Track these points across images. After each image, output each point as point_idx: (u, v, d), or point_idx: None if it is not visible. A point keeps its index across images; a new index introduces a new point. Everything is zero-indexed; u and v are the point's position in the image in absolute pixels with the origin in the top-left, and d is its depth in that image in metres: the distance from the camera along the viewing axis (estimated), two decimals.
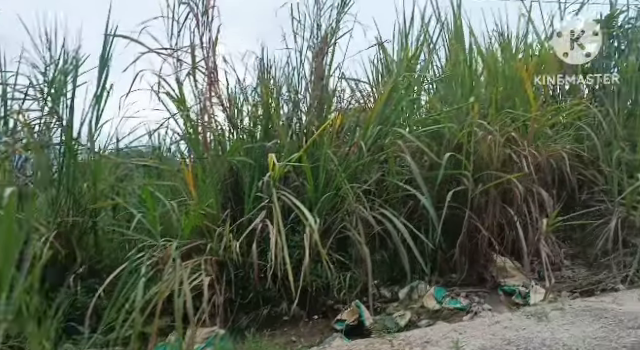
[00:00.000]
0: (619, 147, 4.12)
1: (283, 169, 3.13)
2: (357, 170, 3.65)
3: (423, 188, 3.32)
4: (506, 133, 3.50)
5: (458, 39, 4.51)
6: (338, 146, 3.82)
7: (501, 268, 3.84)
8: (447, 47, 4.62)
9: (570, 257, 4.25)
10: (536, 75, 3.80)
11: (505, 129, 3.52)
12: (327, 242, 3.42)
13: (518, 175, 3.41)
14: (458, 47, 4.31)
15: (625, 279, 3.73)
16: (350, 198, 3.32)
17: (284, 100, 4.14)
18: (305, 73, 4.21)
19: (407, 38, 4.71)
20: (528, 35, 5.44)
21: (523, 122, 3.62)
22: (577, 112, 3.82)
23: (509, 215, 3.62)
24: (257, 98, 4.03)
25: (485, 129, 3.42)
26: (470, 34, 4.41)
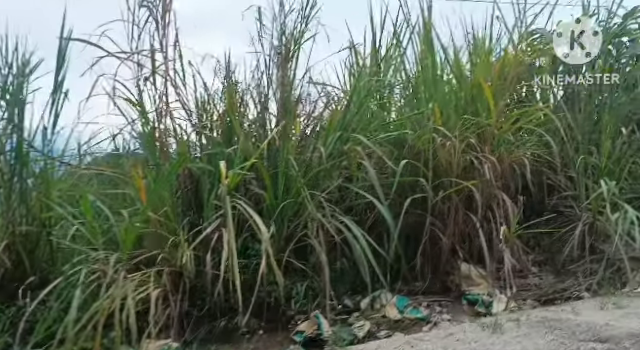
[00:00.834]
0: (585, 152, 4.09)
1: (237, 177, 3.06)
2: (319, 177, 3.58)
3: (381, 195, 3.26)
4: (465, 139, 3.45)
5: (427, 43, 4.46)
6: (302, 152, 3.76)
7: (466, 276, 3.78)
8: (416, 51, 4.56)
9: (538, 264, 4.20)
10: (502, 79, 3.73)
11: (464, 135, 3.46)
12: (287, 250, 3.36)
13: (475, 182, 3.37)
14: (425, 51, 4.26)
15: (590, 287, 3.69)
16: (309, 205, 3.24)
17: (249, 105, 4.08)
18: (272, 78, 4.17)
19: (375, 42, 4.65)
20: (502, 38, 5.48)
21: (480, 128, 3.56)
22: (538, 118, 3.77)
23: (472, 222, 3.57)
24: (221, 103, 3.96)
25: (443, 135, 3.36)
26: (437, 39, 4.35)
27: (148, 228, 3.16)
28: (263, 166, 3.33)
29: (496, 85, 3.63)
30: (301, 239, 3.49)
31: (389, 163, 3.36)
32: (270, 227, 3.17)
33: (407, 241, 3.73)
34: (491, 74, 3.70)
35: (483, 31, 4.09)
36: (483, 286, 3.78)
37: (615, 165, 4.34)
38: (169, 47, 3.72)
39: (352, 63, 4.63)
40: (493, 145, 3.59)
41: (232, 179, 3.02)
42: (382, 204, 3.27)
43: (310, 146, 3.64)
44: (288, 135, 3.57)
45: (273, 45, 4.15)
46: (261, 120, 3.92)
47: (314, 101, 4.01)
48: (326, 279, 3.21)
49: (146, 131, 3.49)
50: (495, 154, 3.65)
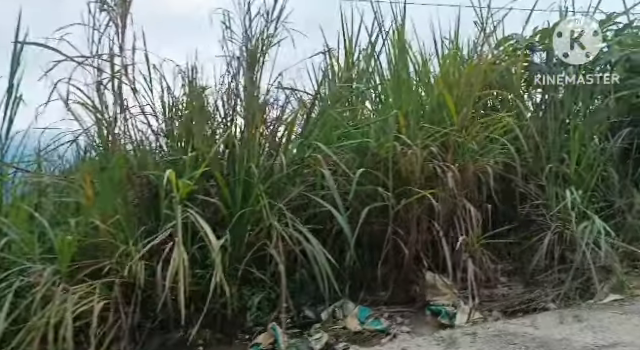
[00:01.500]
0: (556, 159, 4.02)
1: (187, 186, 2.97)
2: (280, 185, 3.50)
3: (339, 204, 3.18)
4: (426, 147, 3.37)
5: (399, 50, 4.39)
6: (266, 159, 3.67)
7: (431, 286, 3.70)
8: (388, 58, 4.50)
9: (507, 274, 4.12)
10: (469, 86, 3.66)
11: (425, 143, 3.39)
12: (244, 260, 3.27)
13: (433, 191, 3.30)
14: (395, 58, 4.20)
15: (557, 298, 3.61)
16: (265, 214, 3.16)
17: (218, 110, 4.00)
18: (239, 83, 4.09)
19: (346, 48, 4.58)
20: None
21: (441, 136, 3.49)
22: (502, 127, 3.70)
23: (436, 231, 3.49)
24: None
25: (404, 143, 3.29)
26: (408, 46, 4.29)
27: (98, 238, 3.07)
28: (220, 174, 3.25)
29: (462, 92, 3.56)
30: (262, 248, 3.42)
31: (347, 171, 3.28)
32: (225, 237, 3.09)
33: (371, 250, 3.65)
34: (457, 81, 3.63)
35: (451, 37, 4.01)
36: (449, 296, 3.70)
37: (587, 172, 4.29)
38: (128, 51, 3.68)
39: (324, 68, 4.55)
40: (456, 153, 3.51)
41: (183, 188, 2.93)
42: (340, 213, 3.19)
43: (272, 153, 3.55)
44: (249, 142, 3.48)
45: (241, 49, 4.11)
46: (225, 126, 3.84)
47: (281, 107, 3.92)
48: (283, 289, 3.13)
49: (101, 138, 3.40)
50: (459, 162, 3.57)
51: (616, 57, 4.84)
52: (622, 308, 3.15)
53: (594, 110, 4.87)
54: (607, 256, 3.66)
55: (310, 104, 3.53)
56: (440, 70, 3.99)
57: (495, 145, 3.64)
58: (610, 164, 4.45)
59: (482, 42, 4.00)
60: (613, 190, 4.36)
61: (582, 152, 4.26)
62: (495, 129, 3.66)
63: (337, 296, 3.54)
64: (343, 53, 4.63)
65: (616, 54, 4.83)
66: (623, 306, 3.19)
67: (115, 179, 3.13)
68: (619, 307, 3.18)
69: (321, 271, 3.11)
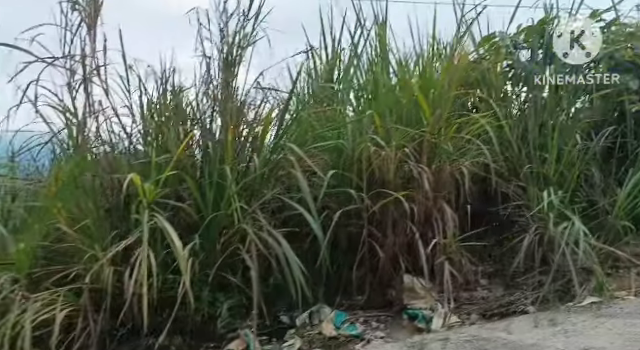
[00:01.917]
0: (537, 160, 3.97)
1: (153, 190, 2.91)
2: (254, 187, 3.44)
3: (312, 207, 3.13)
4: (401, 148, 3.32)
5: (380, 49, 4.33)
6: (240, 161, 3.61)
7: (409, 289, 3.65)
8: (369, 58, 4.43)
9: (488, 276, 4.07)
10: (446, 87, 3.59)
11: (400, 144, 3.33)
12: (215, 265, 3.22)
13: (405, 193, 3.24)
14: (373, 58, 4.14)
15: (536, 300, 3.56)
16: (236, 217, 3.10)
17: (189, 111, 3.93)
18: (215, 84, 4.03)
19: (327, 48, 4.52)
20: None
21: (413, 137, 3.44)
22: (478, 128, 3.64)
23: (411, 233, 3.44)
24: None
25: (378, 144, 3.24)
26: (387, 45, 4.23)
27: (65, 243, 3.02)
28: (191, 177, 3.19)
29: (439, 93, 3.50)
30: (236, 253, 3.36)
31: (319, 173, 3.22)
32: (194, 241, 3.04)
33: (348, 253, 3.60)
34: (432, 81, 3.57)
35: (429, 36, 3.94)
36: (427, 299, 3.65)
37: (571, 172, 4.24)
38: (101, 51, 3.61)
39: (300, 68, 4.47)
40: (431, 155, 3.46)
41: (149, 192, 2.87)
42: (313, 216, 3.13)
43: (246, 155, 3.50)
44: (224, 143, 3.42)
45: (218, 49, 4.05)
46: (201, 128, 3.78)
47: (258, 107, 3.86)
48: (255, 295, 3.08)
49: (70, 139, 3.34)
50: (436, 164, 3.52)
51: (600, 54, 4.77)
52: (599, 311, 3.10)
53: (578, 109, 4.83)
54: (587, 257, 3.61)
55: (284, 104, 3.47)
56: (415, 70, 3.92)
57: (472, 146, 3.58)
58: (593, 163, 4.40)
59: (457, 40, 3.92)
60: (596, 190, 4.30)
61: (566, 151, 4.22)
62: (471, 130, 3.60)
63: (314, 301, 3.52)
64: (324, 53, 4.58)
65: (600, 51, 4.77)
66: (600, 309, 3.14)
67: (82, 182, 3.06)
68: (596, 310, 3.13)
69: (293, 276, 3.04)
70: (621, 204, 3.98)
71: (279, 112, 3.47)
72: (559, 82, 4.61)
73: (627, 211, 4.07)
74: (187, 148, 3.65)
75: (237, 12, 4.00)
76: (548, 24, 4.95)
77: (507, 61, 5.06)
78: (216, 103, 3.88)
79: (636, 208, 4.10)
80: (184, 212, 3.33)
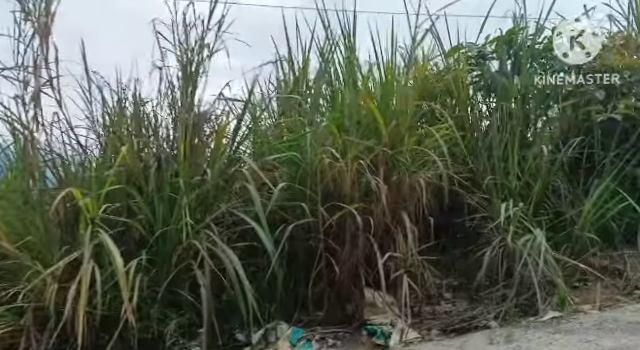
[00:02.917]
0: (501, 171, 3.92)
1: (96, 206, 2.83)
2: (207, 201, 3.36)
3: (263, 220, 3.05)
4: (357, 160, 3.25)
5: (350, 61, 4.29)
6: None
7: (370, 304, 3.56)
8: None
9: (453, 289, 4.00)
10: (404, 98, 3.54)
11: (356, 156, 3.27)
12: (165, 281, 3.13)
13: (357, 206, 3.18)
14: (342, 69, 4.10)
15: (499, 315, 3.48)
16: (185, 233, 3.02)
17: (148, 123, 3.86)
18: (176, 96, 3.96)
19: (292, 58, 4.47)
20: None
21: (371, 149, 3.37)
22: (436, 140, 3.57)
23: (369, 246, 3.37)
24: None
25: (333, 157, 3.17)
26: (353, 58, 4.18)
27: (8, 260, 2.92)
28: (138, 191, 3.11)
29: (396, 104, 3.45)
30: (190, 269, 3.27)
31: (271, 186, 3.15)
32: (140, 257, 2.95)
33: (306, 267, 3.51)
34: (391, 93, 3.52)
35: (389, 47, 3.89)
36: (389, 314, 3.57)
37: (535, 183, 4.19)
38: (52, 63, 3.54)
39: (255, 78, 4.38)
40: (390, 167, 3.40)
41: (92, 207, 2.79)
42: (264, 229, 3.05)
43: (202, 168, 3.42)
44: (176, 156, 3.34)
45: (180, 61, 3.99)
46: (156, 142, 3.70)
47: (215, 119, 3.79)
48: (205, 312, 2.99)
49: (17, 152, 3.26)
50: (395, 176, 3.46)
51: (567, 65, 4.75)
52: (558, 327, 3.03)
53: (547, 119, 4.80)
54: (550, 271, 3.55)
55: (239, 115, 3.41)
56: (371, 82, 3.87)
57: (434, 158, 3.51)
58: (561, 174, 4.35)
59: (412, 52, 3.88)
60: (564, 201, 4.25)
61: (529, 163, 4.18)
62: (432, 141, 3.54)
63: (272, 317, 3.43)
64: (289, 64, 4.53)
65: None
66: (559, 324, 3.07)
67: (28, 197, 2.98)
68: (555, 325, 3.06)
69: (244, 292, 2.96)
70: (586, 215, 3.92)
71: (234, 124, 3.40)
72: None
73: (593, 222, 4.01)
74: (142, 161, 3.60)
75: (197, 23, 4.00)
76: (516, 34, 4.92)
77: (477, 71, 5.04)
78: (173, 114, 3.83)
79: (602, 218, 4.04)
80: (135, 227, 3.25)
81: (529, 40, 4.97)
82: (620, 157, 4.30)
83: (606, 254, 4.22)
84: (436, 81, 4.31)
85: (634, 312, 3.12)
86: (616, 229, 4.26)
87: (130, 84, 3.84)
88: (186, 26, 3.92)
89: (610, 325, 2.84)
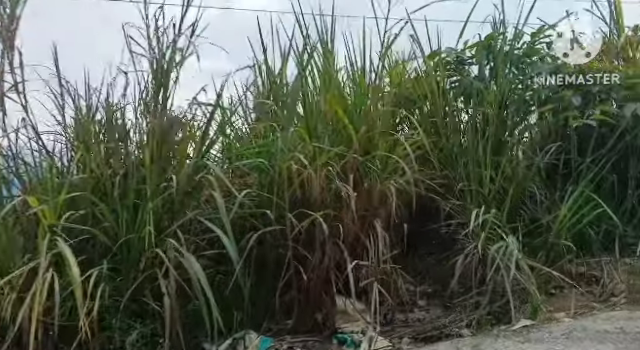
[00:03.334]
0: (475, 178, 3.88)
1: (53, 214, 2.76)
2: (174, 208, 3.31)
3: (227, 227, 2.99)
4: (326, 166, 3.21)
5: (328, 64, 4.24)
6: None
7: (342, 311, 3.51)
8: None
9: (427, 296, 3.95)
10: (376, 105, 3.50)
11: (325, 163, 3.22)
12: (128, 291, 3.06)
13: (323, 213, 3.13)
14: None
15: (471, 323, 3.43)
16: (147, 241, 2.96)
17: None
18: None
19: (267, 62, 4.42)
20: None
21: (342, 155, 3.33)
22: (410, 145, 3.53)
23: (340, 253, 3.32)
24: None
25: (301, 163, 3.13)
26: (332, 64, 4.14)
27: None
28: (103, 199, 3.06)
29: (366, 110, 3.41)
30: (155, 278, 3.21)
31: (234, 191, 3.10)
32: (101, 267, 2.89)
33: (276, 275, 3.45)
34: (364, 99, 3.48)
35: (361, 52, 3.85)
36: (361, 322, 3.51)
37: (516, 189, 4.16)
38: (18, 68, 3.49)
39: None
40: (360, 173, 3.36)
41: (49, 215, 2.72)
42: (228, 237, 3.00)
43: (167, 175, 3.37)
44: (142, 163, 3.29)
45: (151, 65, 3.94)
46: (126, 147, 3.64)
47: (184, 125, 3.73)
48: (167, 321, 2.92)
49: None
50: (367, 182, 3.42)
51: (546, 70, 4.73)
52: (527, 335, 2.97)
53: (526, 125, 4.78)
54: (524, 278, 3.51)
55: (206, 122, 3.36)
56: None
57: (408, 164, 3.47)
58: (538, 180, 4.32)
59: (382, 57, 3.84)
60: (540, 207, 4.22)
61: (502, 168, 4.14)
62: (400, 149, 3.49)
63: (241, 326, 3.37)
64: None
65: (545, 67, 4.73)
66: (529, 333, 3.02)
67: None
68: (525, 334, 3.00)
69: (207, 301, 2.90)
70: (561, 221, 3.89)
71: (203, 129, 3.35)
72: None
73: (569, 228, 3.97)
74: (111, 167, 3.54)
75: (169, 27, 3.95)
76: (495, 40, 4.90)
77: (456, 77, 5.01)
78: (143, 120, 3.78)
79: (578, 224, 4.01)
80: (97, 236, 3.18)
81: (508, 45, 4.94)
82: (596, 163, 4.27)
83: (583, 261, 4.17)
84: (412, 86, 4.27)
85: (605, 320, 3.08)
86: (593, 236, 4.23)
87: (102, 89, 3.84)
88: (157, 30, 3.90)
89: (579, 334, 2.79)
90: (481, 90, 4.33)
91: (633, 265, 4.22)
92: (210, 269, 3.42)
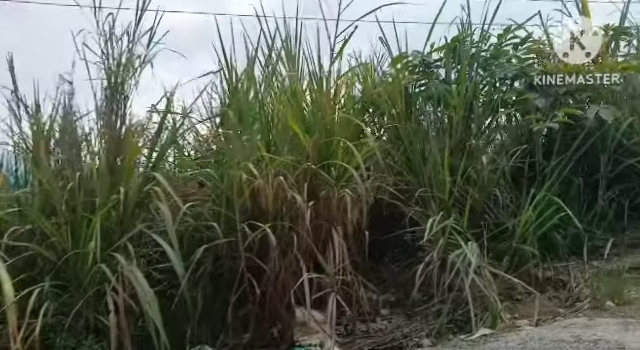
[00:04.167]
0: (438, 183, 3.82)
1: None
2: (124, 221, 3.21)
3: (173, 239, 2.90)
4: (279, 176, 3.13)
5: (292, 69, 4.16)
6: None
7: (301, 323, 3.43)
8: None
9: (390, 305, 3.88)
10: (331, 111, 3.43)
11: (278, 172, 3.15)
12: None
13: (276, 223, 3.06)
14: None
15: (431, 332, 3.37)
16: (91, 256, 2.87)
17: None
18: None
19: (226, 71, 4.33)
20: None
21: (295, 164, 3.26)
22: (364, 155, 3.47)
23: (296, 263, 3.25)
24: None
25: (250, 173, 3.05)
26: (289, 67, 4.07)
27: None
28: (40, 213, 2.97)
29: (319, 117, 3.34)
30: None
31: (179, 202, 3.01)
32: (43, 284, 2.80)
33: (232, 288, 3.37)
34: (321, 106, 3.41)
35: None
36: (321, 334, 3.44)
37: (480, 193, 4.11)
38: None
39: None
40: (316, 182, 3.28)
41: None
42: (174, 250, 2.91)
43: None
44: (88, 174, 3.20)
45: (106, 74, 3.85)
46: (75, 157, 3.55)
47: (139, 134, 3.65)
48: (113, 339, 2.83)
49: None
50: (326, 190, 3.35)
51: (511, 72, 4.70)
52: (484, 345, 2.91)
53: (492, 128, 4.74)
54: (485, 284, 3.45)
55: (156, 131, 3.28)
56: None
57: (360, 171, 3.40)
58: (504, 184, 4.27)
59: (334, 61, 3.77)
60: (506, 211, 4.17)
61: (472, 172, 4.09)
62: (354, 157, 3.42)
63: (197, 340, 3.28)
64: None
65: (511, 69, 4.69)
66: (487, 343, 2.95)
67: None
68: (482, 344, 2.94)
69: (153, 318, 2.81)
70: (524, 226, 3.84)
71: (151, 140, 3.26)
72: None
73: (534, 231, 3.91)
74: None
75: (124, 34, 3.86)
76: (461, 42, 4.85)
77: (423, 80, 4.97)
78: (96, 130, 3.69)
79: (543, 229, 3.96)
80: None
81: (474, 47, 4.90)
82: (564, 165, 4.23)
83: (551, 265, 4.12)
84: (377, 91, 4.21)
85: (564, 328, 3.02)
86: (560, 240, 4.18)
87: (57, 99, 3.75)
88: (111, 37, 3.81)
89: (534, 344, 2.73)
90: (444, 94, 4.27)
91: (601, 268, 4.17)
92: (165, 282, 3.36)
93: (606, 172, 4.66)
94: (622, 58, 5.21)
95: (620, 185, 4.71)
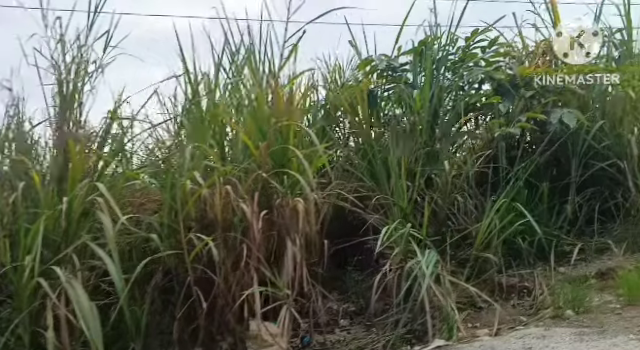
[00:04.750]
0: (398, 190, 3.75)
1: None
2: (68, 232, 3.11)
3: (113, 251, 2.80)
4: (228, 185, 3.04)
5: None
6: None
7: (255, 336, 3.33)
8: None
9: (350, 315, 3.79)
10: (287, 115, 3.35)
11: (226, 180, 3.06)
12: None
13: (224, 235, 2.97)
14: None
15: (387, 344, 3.28)
16: (28, 269, 2.77)
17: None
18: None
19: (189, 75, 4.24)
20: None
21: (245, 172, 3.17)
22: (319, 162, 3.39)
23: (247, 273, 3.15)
24: None
25: (195, 181, 2.96)
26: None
27: None
28: None
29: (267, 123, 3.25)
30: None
31: (119, 214, 2.91)
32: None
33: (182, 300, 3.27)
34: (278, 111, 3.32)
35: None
36: (276, 347, 3.35)
37: (443, 199, 4.04)
38: None
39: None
40: (268, 190, 3.20)
41: None
42: (114, 263, 2.81)
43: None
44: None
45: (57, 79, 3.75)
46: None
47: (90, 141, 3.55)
48: None
49: None
50: (281, 198, 3.26)
51: (479, 75, 4.63)
52: None
53: (457, 133, 4.67)
54: (443, 293, 3.37)
55: (100, 140, 3.18)
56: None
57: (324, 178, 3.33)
58: (468, 189, 4.20)
59: (281, 65, 3.69)
60: (469, 217, 4.09)
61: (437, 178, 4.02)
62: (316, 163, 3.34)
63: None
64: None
65: (478, 72, 4.62)
66: None
67: None
68: None
69: (89, 334, 2.70)
70: (485, 231, 3.76)
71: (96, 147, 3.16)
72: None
73: (497, 237, 3.84)
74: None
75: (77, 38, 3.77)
76: (427, 45, 4.78)
77: (390, 84, 4.90)
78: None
79: (506, 235, 3.88)
80: None
81: (442, 50, 4.83)
82: (527, 170, 4.16)
83: (516, 272, 4.05)
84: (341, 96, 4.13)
85: (519, 339, 2.94)
86: (525, 245, 4.11)
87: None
88: (62, 41, 3.72)
89: None
90: (406, 98, 4.20)
91: (567, 274, 4.11)
92: (112, 296, 3.26)
93: (576, 176, 4.60)
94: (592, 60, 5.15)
95: (591, 189, 4.65)
